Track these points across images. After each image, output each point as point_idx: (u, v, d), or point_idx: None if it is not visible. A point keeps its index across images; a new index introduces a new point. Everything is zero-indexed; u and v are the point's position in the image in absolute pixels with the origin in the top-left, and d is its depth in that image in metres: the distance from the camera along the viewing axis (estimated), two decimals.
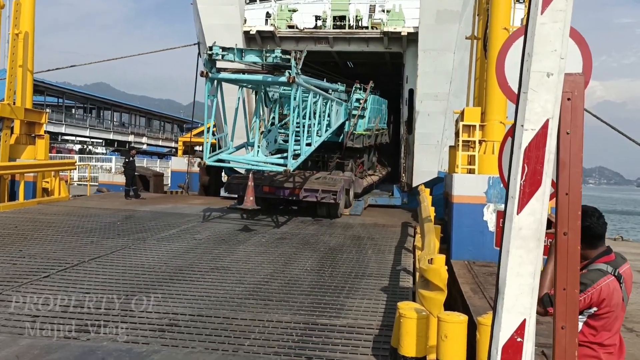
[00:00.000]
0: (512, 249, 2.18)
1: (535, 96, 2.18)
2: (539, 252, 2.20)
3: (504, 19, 13.03)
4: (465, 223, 12.16)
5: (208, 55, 12.73)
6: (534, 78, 2.19)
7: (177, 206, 17.51)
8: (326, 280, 8.49)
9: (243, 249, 10.74)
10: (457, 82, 20.29)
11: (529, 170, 2.20)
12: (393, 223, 14.77)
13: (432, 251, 6.66)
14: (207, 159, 13.36)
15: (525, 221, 2.19)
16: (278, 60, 12.30)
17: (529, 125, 2.20)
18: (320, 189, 15.35)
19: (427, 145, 21.05)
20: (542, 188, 2.19)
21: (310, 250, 10.78)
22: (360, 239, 12.27)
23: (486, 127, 13.32)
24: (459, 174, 12.82)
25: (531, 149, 2.20)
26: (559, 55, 2.19)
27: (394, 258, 10.27)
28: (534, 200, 2.19)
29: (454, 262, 11.55)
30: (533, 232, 2.18)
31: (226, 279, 8.41)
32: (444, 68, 20.36)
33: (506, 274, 2.19)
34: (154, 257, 9.74)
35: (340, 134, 19.52)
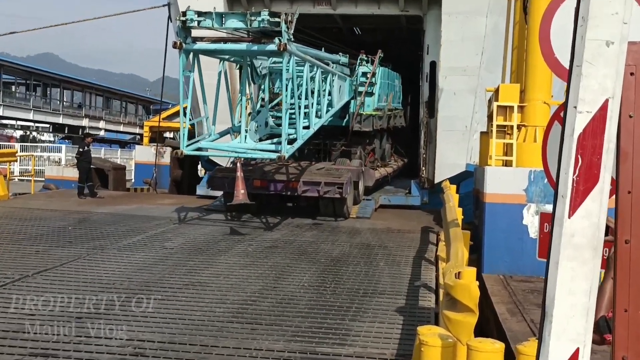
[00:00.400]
0: (563, 261, 2.16)
1: (592, 70, 2.16)
2: (596, 264, 2.18)
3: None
4: (501, 228, 12.18)
5: (181, 22, 12.75)
6: (590, 48, 2.17)
7: (142, 207, 17.50)
8: (328, 299, 8.48)
9: (225, 261, 10.74)
10: (490, 52, 20.25)
11: (583, 163, 2.18)
12: (410, 228, 14.77)
13: (459, 263, 6.66)
14: (184, 147, 13.40)
15: (579, 226, 2.17)
16: (265, 24, 12.24)
17: (583, 107, 2.18)
18: (323, 181, 15.24)
19: (452, 131, 21.02)
20: (599, 185, 2.18)
21: (308, 262, 10.78)
22: (369, 247, 12.27)
23: (527, 109, 13.32)
24: (492, 166, 12.84)
25: (586, 136, 2.19)
26: (621, 19, 2.17)
27: (411, 271, 10.27)
28: (589, 200, 2.18)
29: (487, 276, 11.57)
30: (588, 240, 2.17)
31: (204, 298, 8.41)
32: (473, 35, 20.32)
33: (555, 292, 2.18)
34: (114, 270, 9.74)
35: (345, 116, 19.56)
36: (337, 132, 19.47)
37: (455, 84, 20.70)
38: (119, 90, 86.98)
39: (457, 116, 20.90)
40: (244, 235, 13.27)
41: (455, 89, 20.76)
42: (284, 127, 13.18)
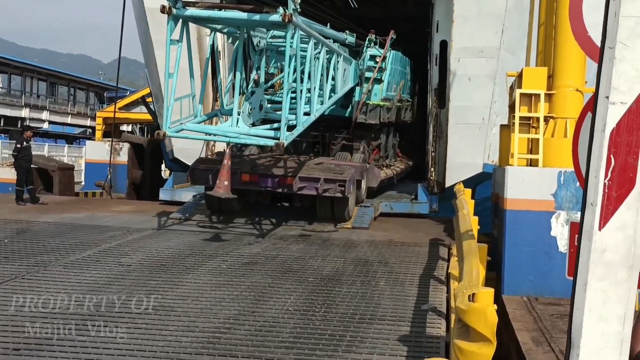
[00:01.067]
0: (592, 281, 2.18)
1: (627, 53, 2.17)
2: (632, 285, 2.20)
3: None
4: (525, 240, 12.23)
5: None
6: (625, 26, 2.18)
7: (94, 215, 17.45)
8: (317, 326, 8.49)
9: (194, 280, 10.72)
10: (512, 31, 20.32)
11: (616, 164, 2.20)
12: (417, 240, 14.80)
13: (474, 282, 6.67)
14: (167, 128, 13.67)
15: (612, 239, 2.19)
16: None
17: (617, 97, 2.20)
18: (323, 177, 15.38)
19: (467, 124, 21.07)
20: (636, 190, 2.19)
21: (294, 281, 10.78)
22: (367, 264, 12.28)
23: (555, 97, 13.39)
24: (514, 166, 12.89)
25: (620, 132, 2.20)
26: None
27: (417, 292, 10.29)
28: (624, 208, 2.19)
29: (508, 298, 11.61)
30: (623, 256, 2.18)
31: (168, 325, 8.39)
32: (492, 10, 20.39)
33: (583, 318, 2.19)
34: (60, 291, 9.69)
35: (348, 105, 19.91)
36: (338, 123, 19.83)
37: (471, 67, 20.74)
38: (67, 74, 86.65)
39: (472, 106, 20.93)
40: (217, 249, 13.24)
41: (471, 74, 20.80)
42: (284, 111, 13.33)
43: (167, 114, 13.77)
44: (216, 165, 15.14)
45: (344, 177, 15.43)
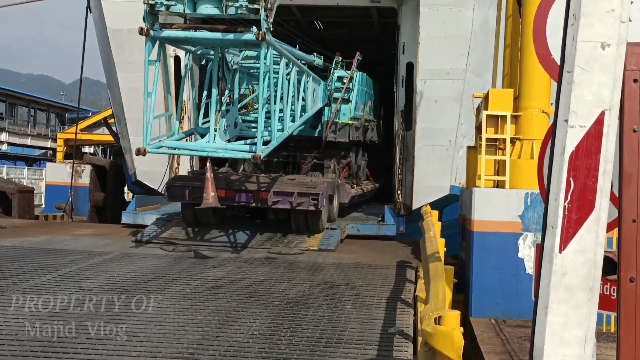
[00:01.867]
0: (553, 304, 2.21)
1: (585, 77, 2.22)
2: (593, 308, 2.23)
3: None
4: (492, 262, 12.33)
5: (149, 5, 13.55)
6: (583, 51, 2.24)
7: (54, 239, 17.27)
8: (283, 350, 8.45)
9: (157, 304, 10.62)
10: (478, 53, 20.56)
11: (576, 187, 2.24)
12: (384, 262, 14.82)
13: (440, 305, 6.70)
14: (147, 144, 14.27)
15: (572, 262, 2.22)
16: (243, 10, 13.07)
17: (575, 121, 2.25)
18: (296, 191, 16.06)
19: (433, 146, 21.24)
20: (595, 213, 2.23)
21: (259, 305, 10.74)
22: (334, 287, 12.27)
23: (522, 119, 13.57)
24: (481, 188, 13.00)
25: (579, 155, 2.25)
26: (618, 18, 2.24)
27: (384, 316, 10.29)
28: (583, 231, 2.23)
29: (475, 320, 11.67)
30: (583, 279, 2.22)
31: (130, 351, 8.31)
32: (458, 32, 20.61)
33: (544, 342, 2.22)
34: (17, 317, 9.57)
35: (317, 125, 20.80)
36: (308, 143, 20.64)
37: (437, 89, 20.94)
38: (27, 95, 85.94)
39: (439, 128, 21.12)
40: (181, 272, 13.17)
41: (437, 96, 20.99)
42: (260, 124, 14.22)
43: (146, 131, 14.36)
44: (192, 182, 16.38)
45: (317, 191, 16.16)
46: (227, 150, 14.74)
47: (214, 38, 14.14)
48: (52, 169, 30.69)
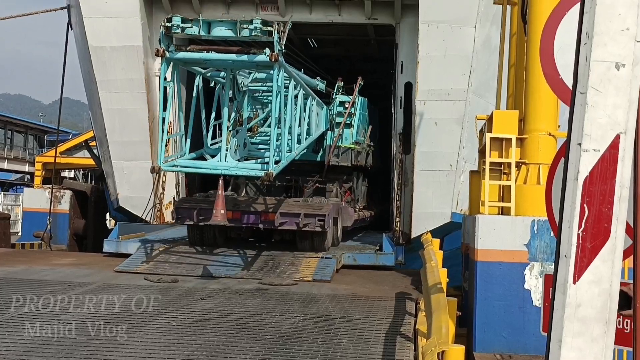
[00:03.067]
0: (567, 337, 2.20)
1: (599, 99, 2.23)
2: (609, 341, 2.23)
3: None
4: (497, 294, 12.30)
5: (165, 28, 14.66)
6: (596, 71, 2.25)
7: (32, 268, 17.21)
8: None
9: (140, 338, 10.58)
10: (480, 72, 20.69)
11: (590, 214, 2.24)
12: (382, 294, 14.80)
13: (443, 339, 6.70)
14: (161, 163, 15.56)
15: (587, 293, 2.22)
16: (257, 33, 14.17)
17: (589, 144, 2.25)
18: (303, 212, 17.50)
19: (433, 171, 21.31)
20: (611, 241, 2.23)
21: (250, 340, 10.70)
22: (329, 320, 12.23)
23: (527, 142, 13.59)
24: (485, 215, 13.00)
25: (594, 180, 2.25)
26: (633, 37, 2.26)
27: (383, 351, 10.26)
28: (599, 260, 2.23)
29: (479, 355, 11.64)
30: (598, 311, 2.21)
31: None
32: (459, 50, 20.74)
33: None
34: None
35: (319, 149, 21.92)
36: (310, 167, 21.67)
37: (437, 111, 21.04)
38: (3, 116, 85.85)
39: (439, 152, 21.19)
40: (167, 304, 13.11)
41: (437, 118, 21.09)
42: (272, 143, 15.50)
43: (161, 149, 15.66)
44: (198, 203, 17.78)
45: (323, 212, 17.62)
46: (240, 169, 15.90)
47: (228, 60, 15.00)
48: (29, 194, 30.62)
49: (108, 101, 22.84)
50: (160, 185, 23.55)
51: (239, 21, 14.44)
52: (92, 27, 22.15)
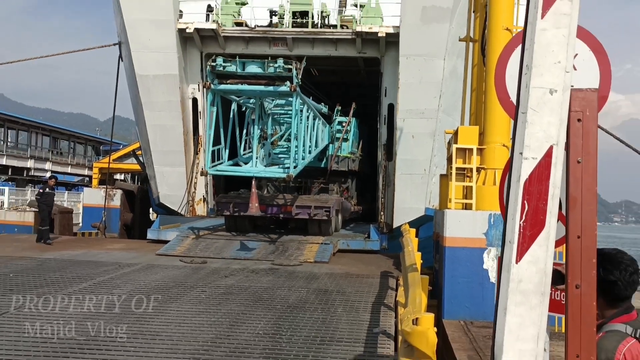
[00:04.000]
0: (511, 306, 2.23)
1: (537, 117, 2.27)
2: (543, 310, 2.25)
3: (505, 17, 13.47)
4: (461, 272, 12.27)
5: (210, 66, 15.85)
6: (534, 95, 2.28)
7: (90, 252, 17.24)
8: (283, 348, 8.43)
9: (177, 308, 10.60)
10: (448, 95, 20.71)
11: (530, 208, 2.27)
12: (369, 273, 14.81)
13: (417, 309, 6.70)
14: (208, 168, 16.84)
15: (526, 271, 2.25)
16: (281, 70, 15.47)
17: (529, 153, 2.28)
18: (313, 205, 18.95)
19: (411, 175, 21.34)
20: (545, 230, 2.26)
21: (264, 309, 10.71)
22: (327, 293, 12.25)
23: (486, 151, 13.58)
24: (452, 210, 12.99)
25: (532, 182, 2.28)
26: (563, 68, 2.29)
27: (370, 318, 10.27)
28: (536, 245, 2.25)
29: (447, 322, 11.62)
30: (535, 285, 2.24)
31: (154, 348, 8.28)
32: (431, 78, 20.75)
33: (503, 338, 2.24)
34: (58, 319, 9.51)
35: (323, 158, 23.38)
36: (315, 172, 22.82)
37: (414, 126, 21.08)
38: (67, 130, 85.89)
39: (415, 159, 21.23)
40: (197, 281, 13.14)
41: (414, 132, 21.13)
42: (292, 152, 17.13)
43: (207, 158, 17.03)
44: (234, 199, 19.15)
45: (329, 205, 19.11)
46: (267, 172, 17.41)
47: (257, 90, 16.06)
48: (88, 193, 30.59)
49: (151, 118, 22.87)
50: (192, 186, 23.57)
51: (267, 61, 15.63)
52: (138, 59, 22.17)
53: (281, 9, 23.44)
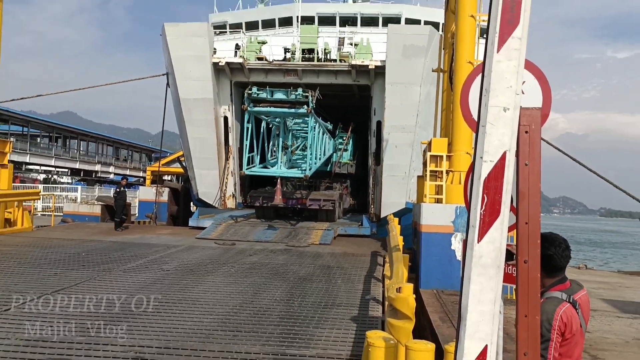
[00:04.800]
0: (473, 276, 2.24)
1: (493, 130, 2.28)
2: (499, 279, 2.27)
3: (468, 52, 13.43)
4: (434, 252, 12.25)
5: (248, 94, 16.43)
6: (492, 112, 2.29)
7: (144, 236, 17.27)
8: (295, 311, 8.43)
9: (212, 280, 10.63)
10: (424, 114, 20.70)
11: (488, 200, 2.28)
12: (362, 252, 14.81)
13: (400, 280, 6.70)
14: (245, 169, 17.59)
15: (485, 249, 2.26)
16: (300, 96, 16.22)
17: (487, 157, 2.29)
18: (322, 198, 20.19)
19: (394, 176, 21.34)
20: (500, 217, 2.27)
21: (280, 280, 10.72)
22: (329, 268, 12.25)
23: (453, 158, 13.56)
24: (427, 203, 12.97)
25: (490, 179, 2.29)
26: (514, 91, 2.30)
27: (363, 287, 10.27)
28: (493, 229, 2.27)
29: (423, 291, 11.60)
30: (493, 260, 2.25)
31: (194, 310, 8.30)
32: (410, 101, 20.76)
33: (468, 301, 2.25)
34: (119, 288, 9.56)
35: (328, 164, 24.47)
36: (322, 174, 23.91)
37: (397, 139, 21.12)
38: (126, 142, 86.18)
39: (398, 164, 21.25)
40: (227, 259, 13.16)
41: (397, 143, 21.16)
42: (308, 157, 18.21)
43: (245, 162, 17.83)
44: (262, 193, 20.07)
45: (334, 198, 20.30)
46: (289, 172, 18.20)
47: (282, 111, 16.71)
48: (143, 190, 30.61)
49: (192, 132, 22.87)
50: (224, 185, 23.56)
51: (289, 90, 16.34)
52: (182, 86, 22.19)
53: (293, 46, 23.47)
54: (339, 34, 25.48)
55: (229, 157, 23.55)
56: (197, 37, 21.85)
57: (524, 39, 2.28)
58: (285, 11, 28.17)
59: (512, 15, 2.28)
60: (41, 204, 33.01)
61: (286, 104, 16.49)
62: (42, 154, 61.47)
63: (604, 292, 12.90)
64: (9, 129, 56.75)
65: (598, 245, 77.10)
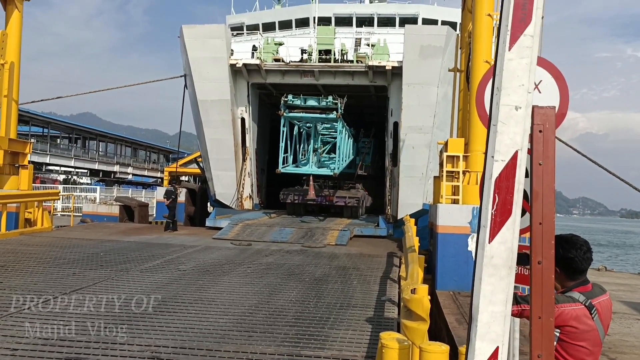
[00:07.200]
0: (485, 277, 2.22)
1: (505, 129, 2.26)
2: (510, 280, 2.24)
3: (485, 52, 13.34)
4: (450, 253, 12.18)
5: (284, 101, 17.64)
6: (503, 111, 2.27)
7: (161, 237, 17.39)
8: (311, 311, 8.42)
9: (228, 280, 10.66)
10: (440, 115, 20.60)
11: (499, 200, 2.26)
12: (378, 253, 14.76)
13: (415, 281, 6.67)
14: (281, 168, 18.53)
15: (497, 250, 2.24)
16: (330, 104, 17.44)
17: (498, 157, 2.27)
18: (347, 196, 21.91)
19: (411, 177, 21.26)
20: (512, 217, 2.25)
21: (296, 281, 10.72)
22: (345, 269, 12.22)
23: (470, 158, 13.48)
24: (443, 204, 12.90)
25: (501, 179, 2.27)
26: (526, 90, 2.28)
27: (379, 288, 10.23)
28: (504, 229, 2.24)
29: (439, 292, 11.53)
30: (504, 261, 2.23)
31: (210, 311, 8.33)
32: (427, 101, 20.66)
33: (479, 302, 2.23)
34: (137, 288, 9.63)
35: (351, 166, 25.55)
36: (346, 175, 24.86)
37: (414, 139, 21.03)
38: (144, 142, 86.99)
39: (415, 165, 21.18)
40: (244, 259, 13.20)
41: (414, 144, 21.08)
42: (337, 158, 19.68)
43: (280, 162, 18.70)
44: (293, 191, 21.81)
45: (358, 196, 22.06)
46: (319, 171, 19.65)
47: (314, 117, 17.92)
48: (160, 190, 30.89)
49: (209, 133, 23.00)
50: (241, 186, 23.66)
51: (320, 97, 17.42)
52: (199, 87, 22.33)
53: (309, 47, 23.49)
54: (355, 34, 25.50)
55: (246, 159, 23.64)
56: (214, 39, 21.98)
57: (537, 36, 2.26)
58: (302, 12, 28.23)
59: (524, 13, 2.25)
60: (61, 204, 33.43)
61: (317, 109, 17.57)
62: (62, 154, 62.28)
63: (623, 294, 12.71)
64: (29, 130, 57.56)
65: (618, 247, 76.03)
